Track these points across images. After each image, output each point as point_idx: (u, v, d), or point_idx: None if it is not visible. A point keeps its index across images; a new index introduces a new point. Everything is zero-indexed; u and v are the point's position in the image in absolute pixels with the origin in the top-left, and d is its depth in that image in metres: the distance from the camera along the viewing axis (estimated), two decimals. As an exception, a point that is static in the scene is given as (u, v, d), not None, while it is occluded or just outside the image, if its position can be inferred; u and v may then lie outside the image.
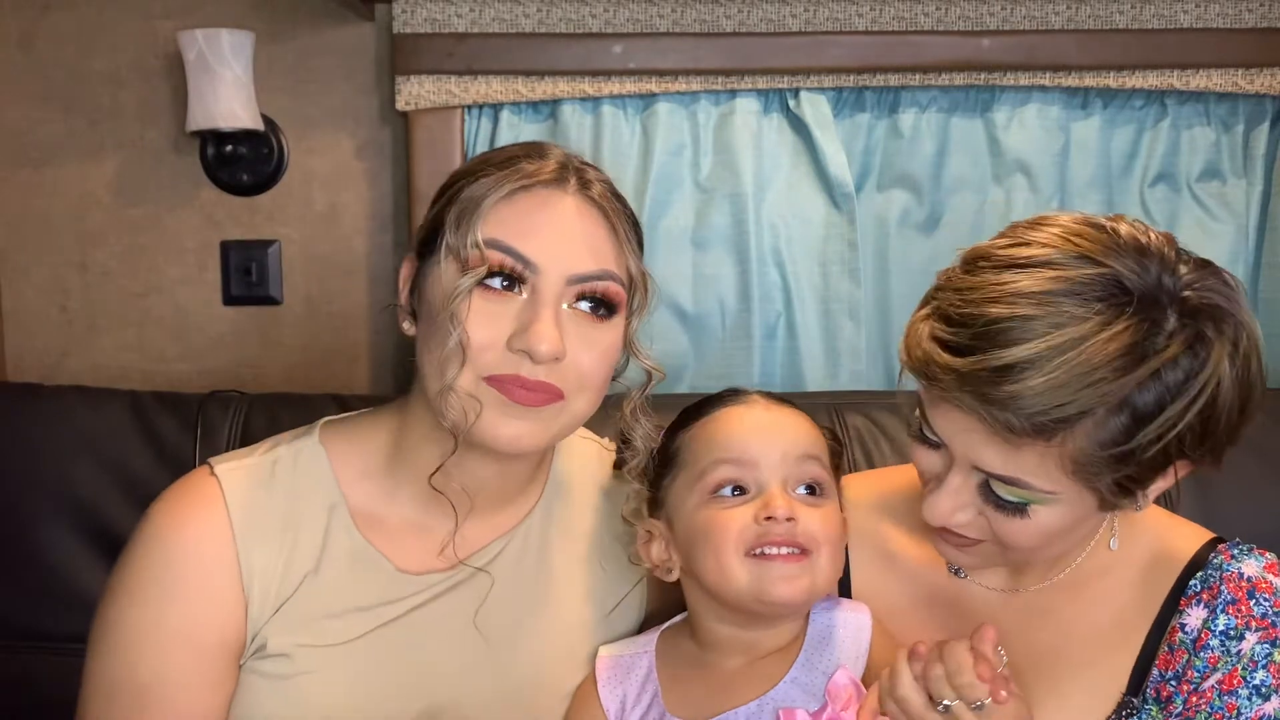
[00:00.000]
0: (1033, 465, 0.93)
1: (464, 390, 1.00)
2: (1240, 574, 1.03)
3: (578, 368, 1.02)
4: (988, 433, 0.93)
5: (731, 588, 1.03)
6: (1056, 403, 0.89)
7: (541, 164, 1.04)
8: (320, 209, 1.93)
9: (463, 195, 1.03)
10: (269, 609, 1.05)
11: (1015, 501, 0.97)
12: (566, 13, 1.81)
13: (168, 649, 1.02)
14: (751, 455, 1.05)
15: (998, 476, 0.96)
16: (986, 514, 0.99)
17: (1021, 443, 0.92)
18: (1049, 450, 0.92)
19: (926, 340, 0.95)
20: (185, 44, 1.77)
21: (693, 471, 1.07)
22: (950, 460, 0.99)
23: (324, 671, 1.04)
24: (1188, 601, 1.04)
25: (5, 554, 1.49)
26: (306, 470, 1.09)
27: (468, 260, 1.00)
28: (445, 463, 1.05)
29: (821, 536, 1.04)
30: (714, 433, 1.08)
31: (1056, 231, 0.96)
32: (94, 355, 1.94)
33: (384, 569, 1.08)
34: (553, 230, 1.02)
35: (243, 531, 1.04)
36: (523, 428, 1.02)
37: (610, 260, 1.04)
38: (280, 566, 1.05)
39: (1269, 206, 1.92)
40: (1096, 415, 0.90)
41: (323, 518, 1.08)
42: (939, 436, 0.99)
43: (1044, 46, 1.83)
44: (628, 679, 1.09)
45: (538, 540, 1.15)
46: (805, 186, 1.89)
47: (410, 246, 1.10)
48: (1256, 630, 1.01)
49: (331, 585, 1.06)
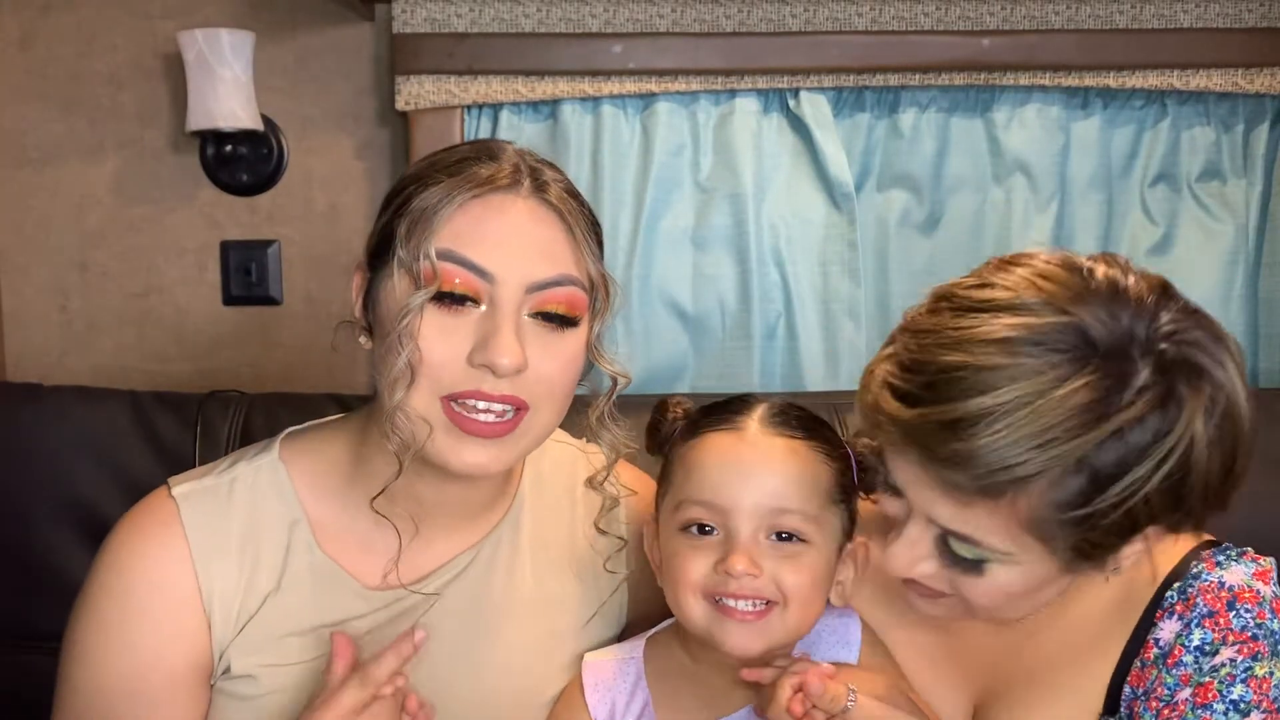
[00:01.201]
0: (985, 523, 0.87)
1: (417, 411, 0.97)
2: (1221, 583, 0.96)
3: (541, 378, 0.98)
4: (939, 487, 0.87)
5: (689, 624, 1.01)
6: (1004, 463, 0.82)
7: (494, 167, 0.99)
8: (320, 209, 1.93)
9: (413, 205, 0.98)
10: (231, 630, 1.03)
11: (971, 559, 0.91)
12: (566, 13, 1.81)
13: (137, 674, 1.01)
14: (722, 502, 0.98)
15: (951, 533, 0.90)
16: (945, 570, 0.93)
17: (972, 500, 0.86)
18: (998, 509, 0.86)
19: (877, 385, 0.89)
20: (185, 44, 1.77)
21: (672, 496, 1.03)
22: (909, 509, 0.93)
23: (291, 691, 1.03)
24: (1162, 614, 0.97)
25: (5, 554, 1.49)
26: (267, 487, 1.07)
27: (420, 274, 0.96)
28: (395, 484, 1.02)
29: (790, 588, 0.98)
30: (694, 464, 1.02)
31: (1025, 274, 0.88)
32: (94, 355, 1.94)
33: (348, 585, 1.06)
34: (507, 237, 0.98)
35: (201, 554, 1.02)
36: (484, 454, 0.98)
37: (569, 264, 1.00)
38: (242, 586, 1.03)
39: (1269, 206, 1.92)
40: (1052, 475, 0.83)
41: (284, 535, 1.05)
42: (897, 483, 0.93)
43: (1044, 46, 1.83)
44: (616, 685, 1.07)
45: (508, 551, 1.12)
46: (805, 186, 1.89)
47: (362, 256, 1.06)
48: (1234, 645, 0.94)
49: (295, 603, 1.04)
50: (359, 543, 1.07)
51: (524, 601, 1.12)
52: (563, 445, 1.20)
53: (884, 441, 0.91)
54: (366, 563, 1.07)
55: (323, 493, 1.07)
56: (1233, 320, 1.94)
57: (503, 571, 1.11)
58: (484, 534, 1.12)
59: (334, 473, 1.08)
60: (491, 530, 1.12)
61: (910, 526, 0.93)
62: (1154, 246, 1.93)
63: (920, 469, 0.88)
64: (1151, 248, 1.93)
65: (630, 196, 1.87)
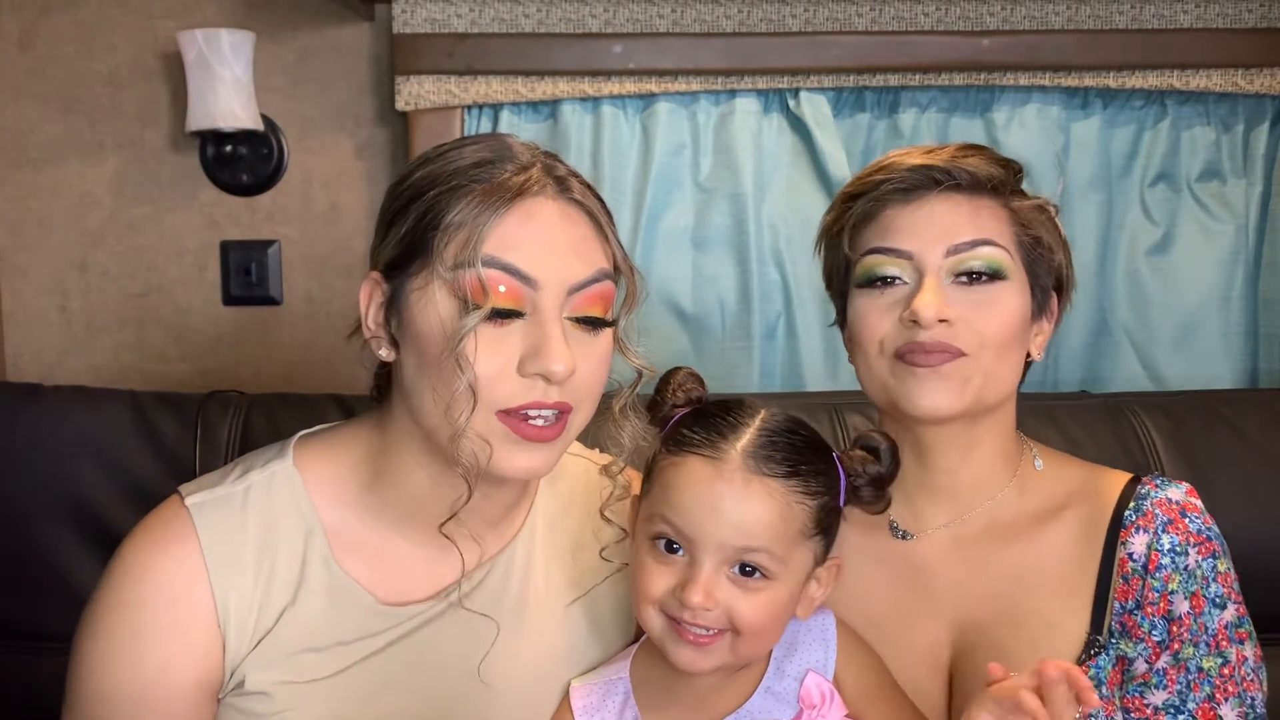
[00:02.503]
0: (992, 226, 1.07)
1: (477, 431, 0.96)
2: (1168, 499, 1.07)
3: (583, 379, 0.99)
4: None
5: (646, 629, 1.03)
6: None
7: (523, 173, 0.98)
8: (320, 209, 1.93)
9: (448, 216, 0.96)
10: (246, 645, 1.02)
11: (986, 271, 1.06)
12: (566, 13, 1.81)
13: (145, 688, 0.99)
14: (690, 532, 0.98)
15: (967, 244, 1.06)
16: (962, 308, 1.06)
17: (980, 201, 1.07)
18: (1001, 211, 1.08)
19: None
20: (185, 44, 1.77)
21: (649, 506, 1.03)
22: (919, 274, 1.07)
23: (304, 709, 1.01)
24: (1127, 532, 1.07)
25: (5, 554, 1.49)
26: (281, 496, 1.04)
27: (467, 287, 0.94)
28: (431, 497, 1.02)
29: (745, 622, 0.98)
30: (671, 485, 1.01)
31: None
32: (94, 355, 1.94)
33: (363, 601, 1.04)
34: (546, 241, 0.97)
35: (217, 569, 1.01)
36: (537, 458, 0.99)
37: (601, 258, 1.00)
38: (258, 600, 1.02)
39: (1269, 206, 1.92)
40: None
41: (299, 546, 1.04)
42: (905, 247, 1.07)
43: (1044, 46, 1.83)
44: (605, 706, 1.07)
45: (522, 566, 1.11)
46: (805, 186, 1.89)
47: (374, 265, 1.03)
48: (1195, 546, 1.05)
49: (310, 618, 1.03)
50: (376, 554, 1.06)
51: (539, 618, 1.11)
52: (577, 459, 1.19)
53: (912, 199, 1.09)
54: (383, 578, 1.06)
55: (338, 501, 1.06)
56: (1233, 320, 1.95)
57: (518, 586, 1.11)
58: (501, 547, 1.11)
59: (351, 480, 1.06)
60: (508, 544, 1.11)
61: (928, 278, 1.06)
62: (1154, 246, 1.93)
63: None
64: (1151, 248, 1.93)
65: (630, 196, 1.87)
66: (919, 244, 1.07)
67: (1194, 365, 1.94)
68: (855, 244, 1.12)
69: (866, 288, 1.10)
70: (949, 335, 1.05)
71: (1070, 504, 1.11)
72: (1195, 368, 1.94)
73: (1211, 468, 1.52)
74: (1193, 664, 1.03)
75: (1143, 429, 1.56)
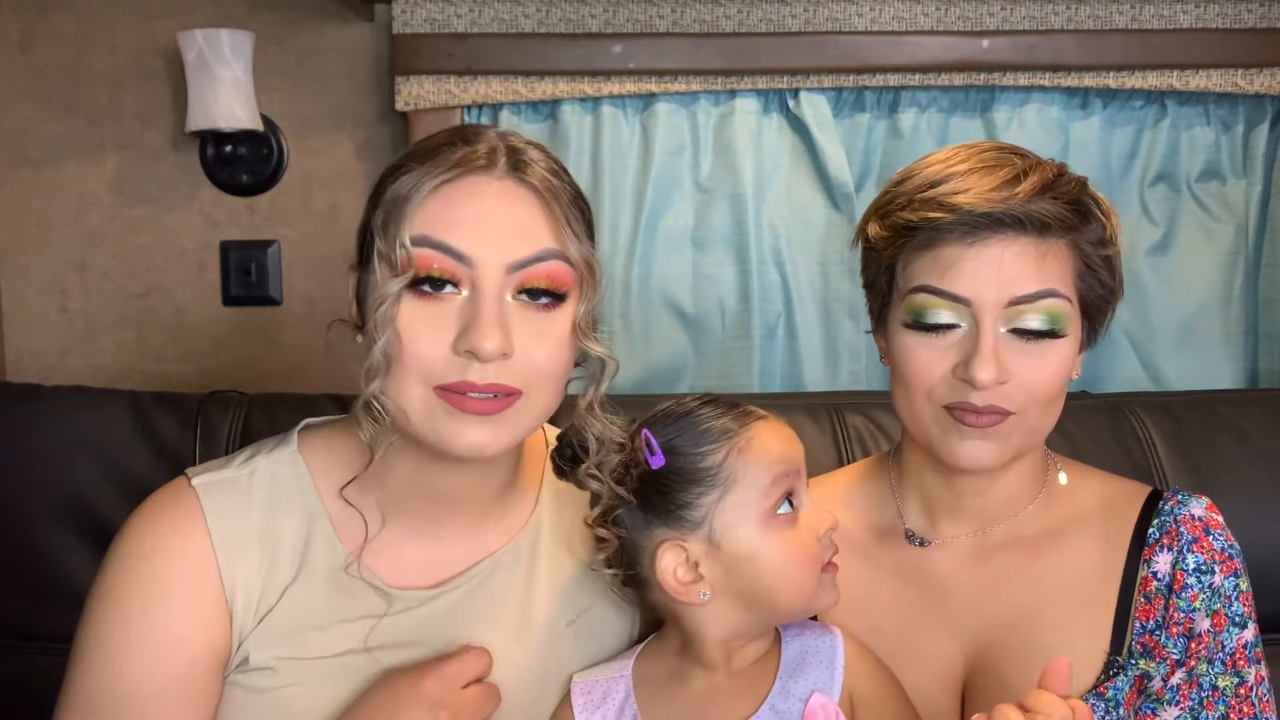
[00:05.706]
0: (1056, 273, 1.01)
1: (414, 403, 0.97)
2: (1192, 515, 1.07)
3: (531, 362, 0.98)
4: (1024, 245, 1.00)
5: (805, 603, 1.04)
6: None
7: (468, 150, 0.98)
8: (320, 209, 1.93)
9: (388, 194, 0.98)
10: (251, 621, 1.03)
11: (1042, 329, 1.01)
12: (566, 13, 1.81)
13: (156, 660, 1.00)
14: (797, 463, 1.04)
15: (1029, 296, 1.00)
16: (1015, 363, 1.01)
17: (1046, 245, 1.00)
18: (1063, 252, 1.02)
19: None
20: (185, 44, 1.77)
21: (749, 490, 1.02)
22: (975, 322, 1.01)
23: (308, 685, 1.02)
24: (1151, 550, 1.06)
25: (5, 554, 1.49)
26: (285, 482, 1.07)
27: (398, 263, 0.95)
28: (408, 478, 1.04)
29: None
30: (766, 446, 1.03)
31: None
32: (94, 355, 1.94)
33: (366, 583, 1.05)
34: (482, 219, 0.96)
35: (223, 544, 1.02)
36: (483, 433, 0.98)
37: (549, 240, 0.98)
38: (261, 578, 1.03)
39: (1269, 206, 1.92)
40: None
41: (303, 530, 1.05)
42: (964, 294, 1.01)
43: (1044, 46, 1.83)
44: (605, 704, 1.07)
45: (527, 560, 1.12)
46: (805, 186, 1.89)
47: (355, 255, 1.05)
48: (1219, 564, 1.05)
49: (313, 597, 1.04)
50: (378, 540, 1.07)
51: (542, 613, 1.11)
52: None
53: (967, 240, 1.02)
54: (385, 561, 1.07)
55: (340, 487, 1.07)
56: (1233, 320, 1.95)
57: (523, 580, 1.11)
58: (508, 539, 1.11)
59: (351, 467, 1.07)
60: (514, 537, 1.12)
61: (984, 336, 1.00)
62: (1154, 246, 1.93)
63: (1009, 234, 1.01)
64: (1151, 248, 1.93)
65: (630, 196, 1.87)
66: (979, 291, 1.00)
67: (1194, 365, 1.94)
68: (907, 272, 1.05)
69: (916, 330, 1.04)
70: (999, 396, 1.01)
71: (1091, 518, 1.10)
72: (1195, 368, 1.94)
73: (1211, 468, 1.52)
74: (1206, 680, 1.02)
75: (1143, 429, 1.56)
